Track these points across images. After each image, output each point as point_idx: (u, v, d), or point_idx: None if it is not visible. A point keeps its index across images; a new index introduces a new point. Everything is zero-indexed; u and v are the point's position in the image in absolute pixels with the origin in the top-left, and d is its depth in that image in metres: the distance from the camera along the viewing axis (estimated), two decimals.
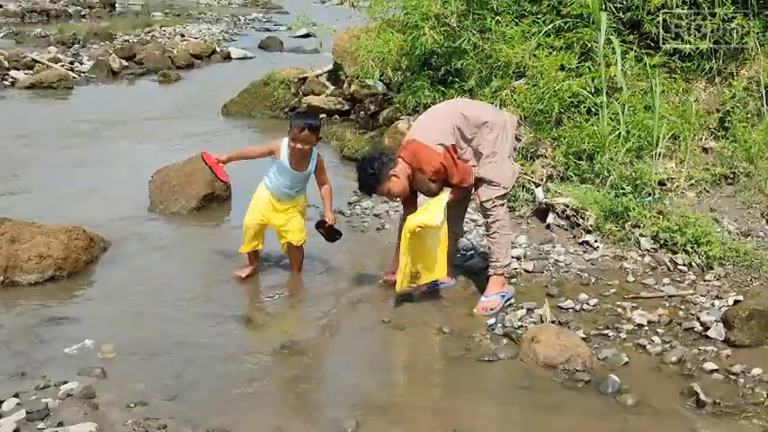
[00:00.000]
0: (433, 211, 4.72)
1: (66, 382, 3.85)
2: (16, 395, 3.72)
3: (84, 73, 14.66)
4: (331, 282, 5.38)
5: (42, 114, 11.35)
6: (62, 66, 14.52)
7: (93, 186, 7.55)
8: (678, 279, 5.18)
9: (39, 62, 14.49)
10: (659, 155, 6.24)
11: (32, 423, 3.48)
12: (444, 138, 4.62)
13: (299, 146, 4.87)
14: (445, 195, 4.75)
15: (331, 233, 5.29)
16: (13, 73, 13.86)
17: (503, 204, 4.87)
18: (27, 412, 3.55)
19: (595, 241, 5.72)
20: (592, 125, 6.54)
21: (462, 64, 7.52)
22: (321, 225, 5.25)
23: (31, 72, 13.96)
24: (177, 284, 5.26)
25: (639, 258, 5.46)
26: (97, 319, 4.73)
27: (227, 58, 18.05)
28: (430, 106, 5.98)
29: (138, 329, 4.58)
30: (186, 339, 4.47)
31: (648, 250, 5.51)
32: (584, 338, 4.35)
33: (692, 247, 5.38)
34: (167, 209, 6.86)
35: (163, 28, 21.81)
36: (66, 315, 4.77)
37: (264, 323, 4.77)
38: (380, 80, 9.52)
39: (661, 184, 6.16)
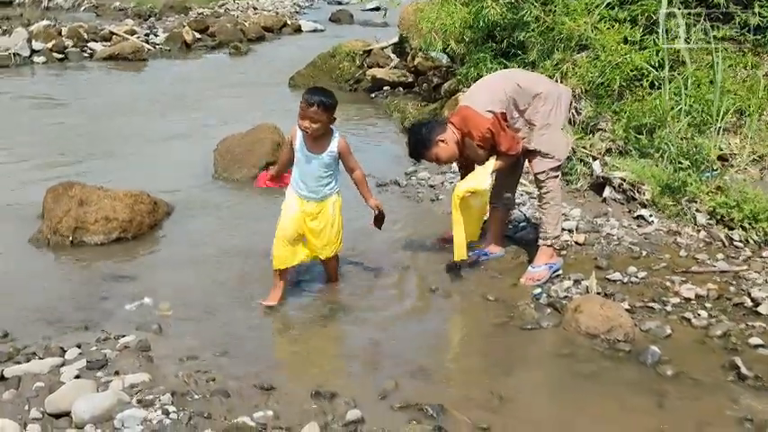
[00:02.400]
0: (480, 176, 4.77)
1: (124, 336, 4.07)
2: (78, 345, 3.97)
3: (158, 45, 15.06)
4: (382, 249, 5.47)
5: (117, 85, 11.77)
6: (138, 38, 14.94)
7: (159, 154, 7.84)
8: (732, 255, 5.10)
9: (116, 34, 14.96)
10: (721, 130, 6.11)
11: (92, 371, 3.69)
12: (494, 105, 4.65)
13: (306, 123, 4.33)
14: (491, 163, 4.78)
15: (381, 220, 4.88)
16: (91, 45, 14.36)
17: (556, 176, 4.88)
18: (87, 361, 3.78)
19: (650, 216, 5.67)
20: (654, 99, 6.45)
21: (524, 36, 7.47)
22: (377, 220, 4.86)
23: (109, 44, 14.43)
24: (234, 249, 5.45)
25: (694, 234, 5.40)
26: (157, 279, 4.97)
27: (298, 30, 18.27)
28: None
29: (194, 290, 4.79)
30: (238, 300, 4.65)
31: (704, 225, 5.44)
32: (628, 310, 4.35)
33: (749, 224, 5.28)
34: (230, 176, 7.08)
35: (236, 1, 22.14)
36: (128, 274, 5.03)
37: (312, 287, 4.91)
38: (444, 52, 9.54)
39: (723, 159, 6.04)
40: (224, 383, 3.66)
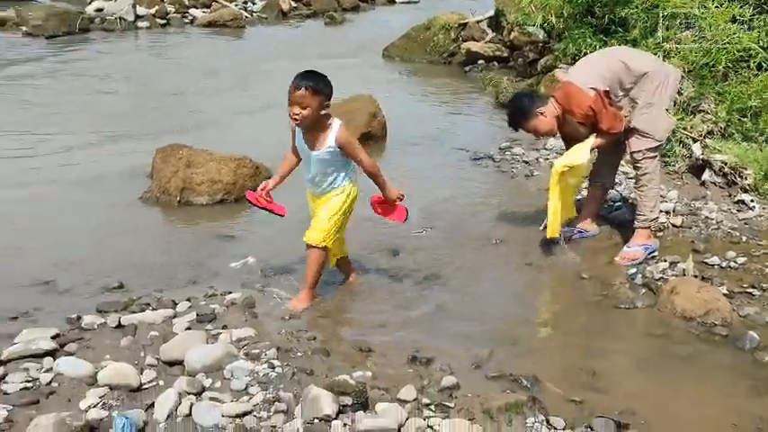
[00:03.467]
0: (579, 152, 4.77)
1: (230, 293, 4.28)
2: (188, 299, 4.20)
3: (255, 13, 15.36)
4: (477, 223, 5.54)
5: (216, 52, 12.09)
6: (236, 6, 15.27)
7: (256, 121, 8.06)
8: None
9: (216, 1, 15.31)
10: None
11: (201, 324, 3.91)
12: (598, 82, 4.62)
13: (295, 110, 3.87)
14: (591, 139, 4.76)
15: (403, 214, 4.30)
16: (192, 11, 14.78)
17: (654, 157, 4.83)
18: (197, 314, 4.00)
19: (752, 201, 5.56)
20: (761, 81, 6.28)
21: (626, 13, 7.36)
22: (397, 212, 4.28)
23: (209, 11, 14.80)
24: None
25: None
26: (259, 239, 5.17)
27: (392, 1, 18.29)
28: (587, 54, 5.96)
29: (293, 252, 4.95)
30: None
31: None
32: (726, 295, 4.32)
33: None
34: None
35: None
36: (232, 234, 5.26)
37: (411, 255, 5.01)
38: (541, 27, 9.44)
39: None
40: (324, 343, 3.83)
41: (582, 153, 4.78)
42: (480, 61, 10.83)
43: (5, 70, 10.58)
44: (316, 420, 3.10)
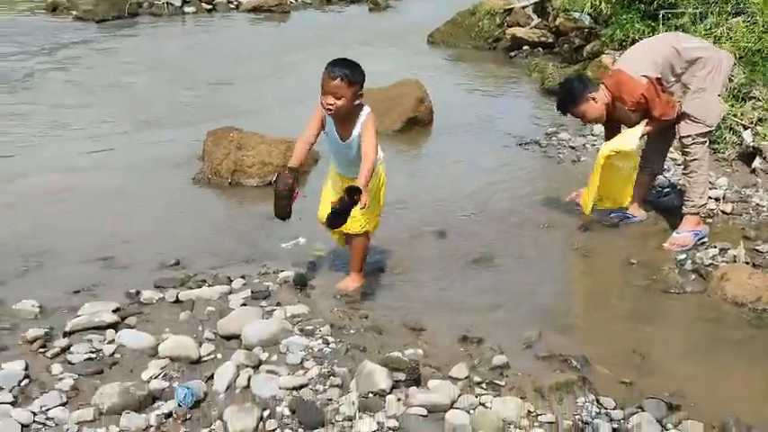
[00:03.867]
0: (629, 138, 4.77)
1: (282, 271, 4.38)
2: (243, 277, 4.31)
3: None
4: (524, 207, 5.56)
5: (262, 36, 12.21)
6: None
7: (302, 104, 8.11)
8: None
9: None
10: None
11: (256, 300, 4.01)
12: (650, 70, 4.61)
13: (329, 100, 3.80)
14: (641, 126, 4.76)
15: (341, 214, 3.74)
16: None
17: (704, 143, 4.81)
18: (252, 291, 4.11)
19: None
20: None
21: None
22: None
23: None
24: None
25: None
26: (309, 220, 5.21)
27: None
28: (637, 41, 5.92)
29: None
30: (389, 246, 4.85)
31: None
32: None
33: None
34: None
35: None
36: None
37: (460, 238, 5.06)
38: (588, 13, 9.39)
39: None
40: (376, 321, 3.91)
41: (631, 139, 4.79)
42: (525, 47, 10.78)
43: (57, 54, 10.80)
44: (370, 394, 3.19)
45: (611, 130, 5.09)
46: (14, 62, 10.12)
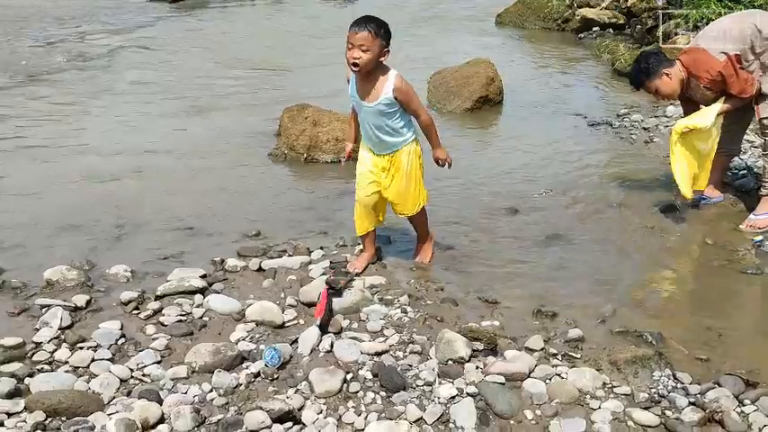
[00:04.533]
0: (705, 115, 4.73)
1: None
2: (321, 248, 4.45)
3: None
4: (597, 186, 5.57)
5: (330, 18, 12.30)
6: None
7: None
8: None
9: None
10: None
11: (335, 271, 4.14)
12: (729, 47, 4.56)
13: (355, 54, 3.74)
14: (719, 104, 4.71)
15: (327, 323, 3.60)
16: None
17: None
18: (330, 262, 4.24)
19: None
20: None
21: None
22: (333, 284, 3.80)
23: None
24: (446, 176, 5.68)
25: None
26: None
27: None
28: (712, 21, 5.83)
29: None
30: (462, 222, 4.96)
31: None
32: None
33: None
34: (444, 108, 7.38)
35: None
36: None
37: (532, 215, 5.11)
38: None
39: None
40: (451, 293, 4.00)
41: (707, 117, 4.73)
42: (595, 28, 10.69)
43: (133, 33, 11.15)
44: (450, 362, 3.29)
45: (690, 109, 5.05)
46: (93, 41, 10.48)
